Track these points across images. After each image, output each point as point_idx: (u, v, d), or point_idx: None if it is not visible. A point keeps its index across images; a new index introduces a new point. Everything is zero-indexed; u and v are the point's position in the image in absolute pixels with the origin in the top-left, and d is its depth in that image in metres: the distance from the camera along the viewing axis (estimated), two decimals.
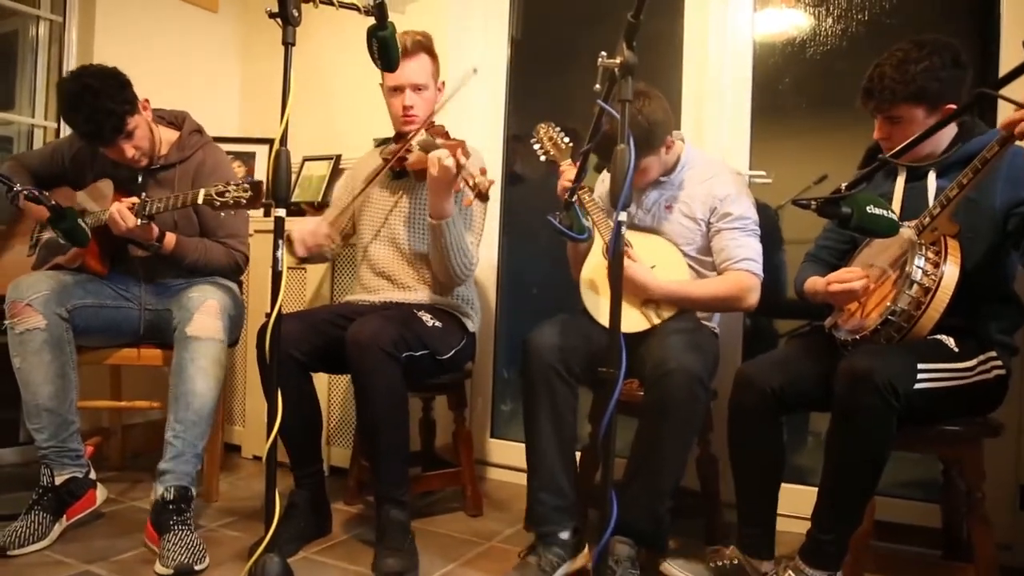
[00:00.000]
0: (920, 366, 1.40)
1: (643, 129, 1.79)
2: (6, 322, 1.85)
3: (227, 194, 1.74)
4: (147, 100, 2.05)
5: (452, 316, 2.07)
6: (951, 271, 1.42)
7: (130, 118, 1.94)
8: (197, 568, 1.69)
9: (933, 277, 1.42)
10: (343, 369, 1.88)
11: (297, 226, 2.02)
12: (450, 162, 1.77)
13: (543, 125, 2.12)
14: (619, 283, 1.19)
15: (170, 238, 2.00)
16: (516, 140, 2.79)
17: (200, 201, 1.77)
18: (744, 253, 1.86)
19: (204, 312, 1.93)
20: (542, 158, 2.10)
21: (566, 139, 2.08)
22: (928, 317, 1.42)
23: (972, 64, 1.54)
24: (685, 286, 1.88)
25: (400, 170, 2.09)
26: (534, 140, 2.13)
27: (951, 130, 1.58)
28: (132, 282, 2.09)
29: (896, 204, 1.61)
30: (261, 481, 1.33)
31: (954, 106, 1.47)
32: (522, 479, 1.87)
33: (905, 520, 1.95)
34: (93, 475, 1.94)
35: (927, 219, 1.47)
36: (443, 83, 2.17)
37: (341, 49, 2.91)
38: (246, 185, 1.73)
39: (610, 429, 1.18)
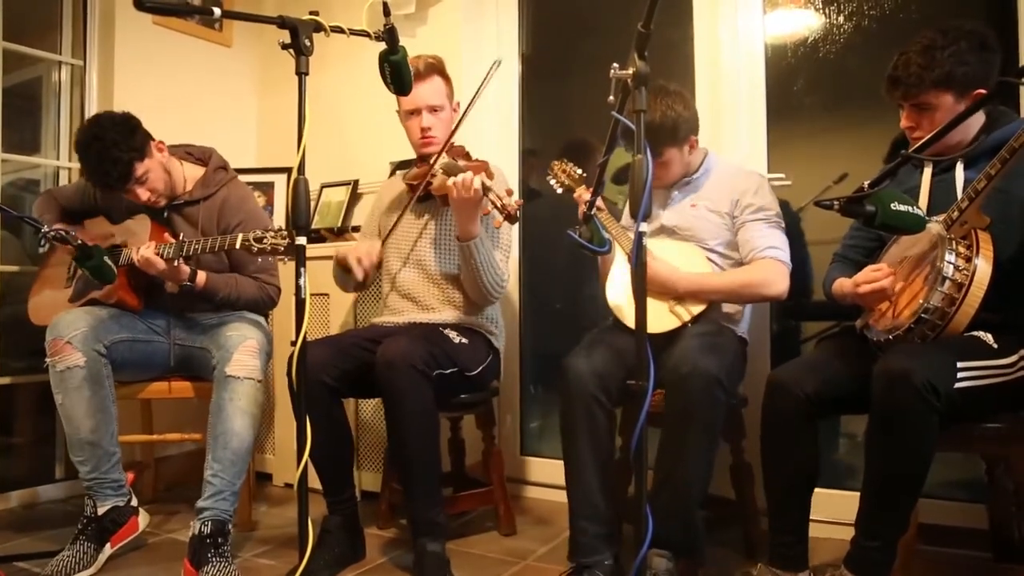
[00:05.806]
0: (959, 364, 1.35)
1: (670, 120, 1.86)
2: (47, 360, 1.88)
3: (265, 240, 1.76)
4: (162, 142, 2.07)
5: (477, 333, 2.07)
6: (983, 266, 1.38)
7: (138, 164, 1.95)
8: None
9: (965, 273, 1.38)
10: (373, 393, 1.88)
11: (343, 250, 2.05)
12: (477, 183, 1.78)
13: (556, 162, 2.22)
14: (643, 296, 1.17)
15: (201, 276, 2.02)
16: (531, 155, 2.80)
17: (237, 246, 1.79)
18: (769, 242, 1.87)
19: (243, 351, 1.94)
20: (559, 190, 2.20)
21: (579, 171, 2.18)
22: (963, 313, 1.38)
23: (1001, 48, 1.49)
24: (710, 277, 1.90)
25: (425, 194, 2.10)
26: (549, 176, 2.23)
27: (979, 119, 1.54)
28: (162, 316, 2.11)
29: (923, 197, 1.58)
30: (293, 509, 1.33)
31: (984, 92, 1.44)
32: (554, 495, 1.86)
33: (950, 522, 1.89)
34: (135, 502, 1.97)
35: (955, 213, 1.43)
36: (458, 103, 2.18)
37: (354, 76, 2.94)
38: (284, 232, 1.75)
39: (641, 442, 1.16)
